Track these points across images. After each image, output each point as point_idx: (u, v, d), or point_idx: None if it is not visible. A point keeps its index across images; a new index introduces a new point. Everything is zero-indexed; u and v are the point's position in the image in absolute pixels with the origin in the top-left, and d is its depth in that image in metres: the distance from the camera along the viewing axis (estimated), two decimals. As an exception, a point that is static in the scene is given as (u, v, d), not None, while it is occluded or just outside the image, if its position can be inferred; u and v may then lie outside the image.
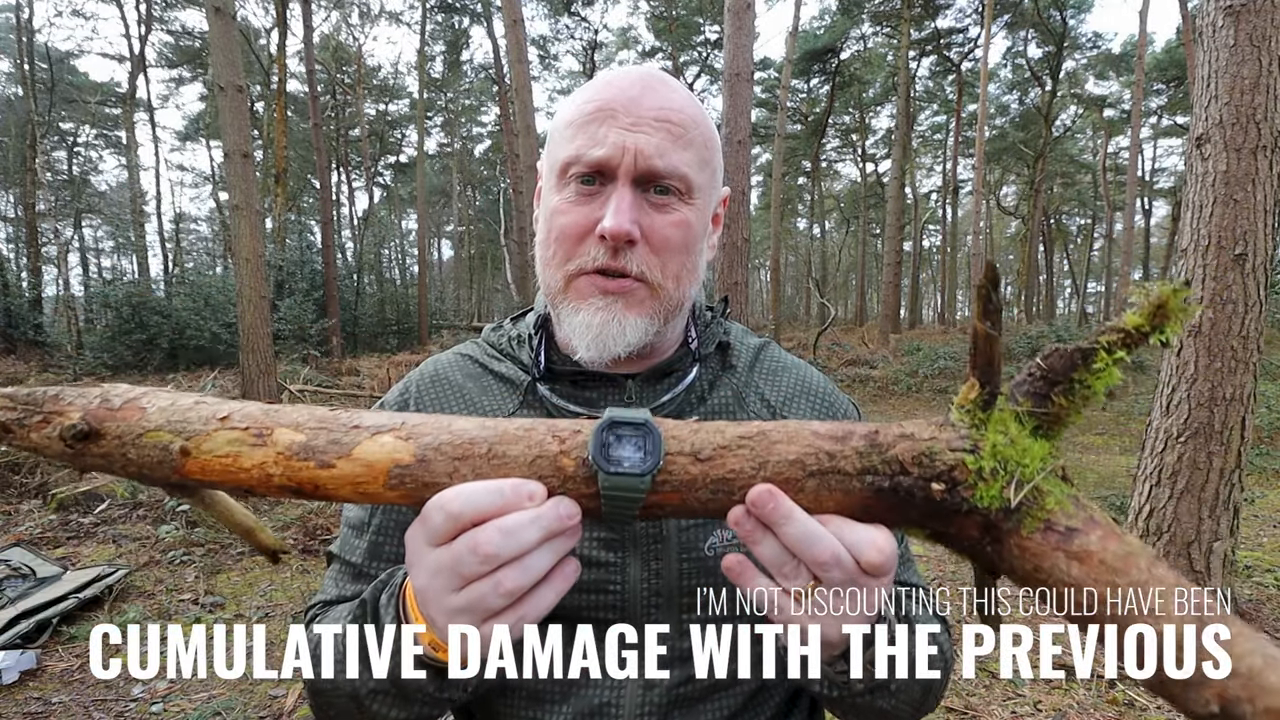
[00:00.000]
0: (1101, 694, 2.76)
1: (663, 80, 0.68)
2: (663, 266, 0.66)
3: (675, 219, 0.66)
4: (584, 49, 28.60)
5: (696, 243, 0.69)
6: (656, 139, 0.64)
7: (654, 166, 0.64)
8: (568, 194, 0.67)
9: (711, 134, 0.70)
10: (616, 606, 0.67)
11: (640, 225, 0.65)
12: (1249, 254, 3.10)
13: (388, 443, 0.45)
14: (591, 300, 0.66)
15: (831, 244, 43.69)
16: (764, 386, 0.78)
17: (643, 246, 0.65)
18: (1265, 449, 7.41)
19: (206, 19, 7.60)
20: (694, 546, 0.68)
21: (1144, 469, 3.43)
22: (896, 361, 15.91)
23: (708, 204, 0.71)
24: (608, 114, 0.65)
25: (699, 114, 0.68)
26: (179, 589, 3.86)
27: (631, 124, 0.64)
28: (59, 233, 19.84)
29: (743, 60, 5.97)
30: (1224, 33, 3.11)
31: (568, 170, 0.66)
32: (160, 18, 23.98)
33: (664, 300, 0.68)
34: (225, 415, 0.47)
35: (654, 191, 0.65)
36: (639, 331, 0.67)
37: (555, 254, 0.68)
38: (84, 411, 0.47)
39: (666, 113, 0.65)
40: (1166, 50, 25.32)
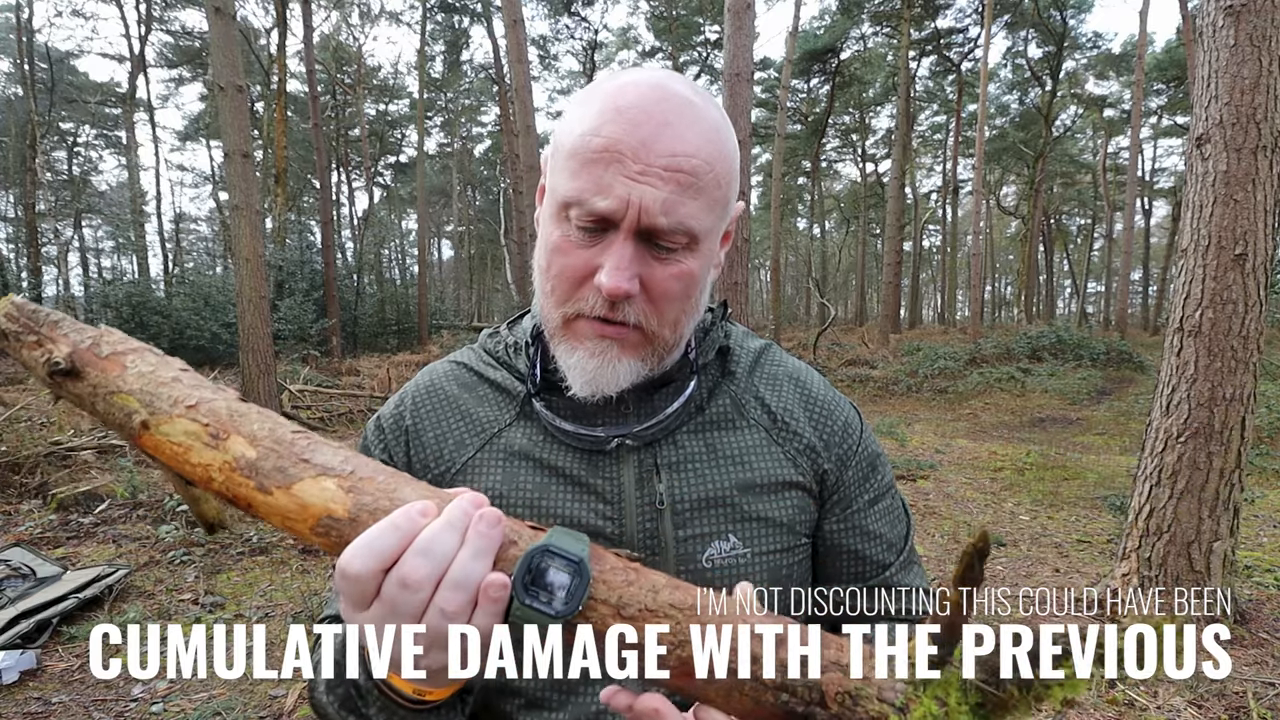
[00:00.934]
0: (1101, 694, 2.76)
1: (683, 111, 0.62)
2: (660, 315, 0.65)
3: (677, 270, 0.64)
4: (584, 49, 28.60)
5: (698, 288, 0.68)
6: (664, 193, 0.60)
7: (657, 225, 0.61)
8: (568, 231, 0.64)
9: (727, 170, 0.65)
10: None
11: (640, 278, 0.63)
12: (1249, 254, 3.10)
13: (328, 488, 0.44)
14: (587, 343, 0.65)
15: (831, 244, 43.69)
16: (765, 392, 0.77)
17: (641, 297, 0.64)
18: (1265, 449, 7.41)
19: (206, 19, 7.59)
20: (692, 559, 0.68)
21: (1144, 469, 3.43)
22: (896, 361, 15.91)
23: (714, 241, 0.69)
24: (614, 157, 0.60)
25: (716, 152, 0.63)
26: (179, 589, 3.87)
27: (639, 172, 0.60)
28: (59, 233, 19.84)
29: (743, 60, 5.97)
30: (1224, 33, 3.11)
31: (568, 209, 0.63)
32: (160, 18, 23.98)
33: (659, 345, 0.67)
34: (193, 403, 0.46)
35: (655, 246, 0.63)
36: (632, 374, 0.66)
37: (554, 291, 0.66)
38: (72, 348, 0.48)
39: (678, 160, 0.60)
40: (1166, 50, 25.32)
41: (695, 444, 0.71)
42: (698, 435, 0.72)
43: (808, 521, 0.73)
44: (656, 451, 0.70)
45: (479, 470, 0.71)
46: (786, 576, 0.70)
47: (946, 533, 4.95)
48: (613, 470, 0.69)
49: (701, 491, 0.69)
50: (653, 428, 0.70)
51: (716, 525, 0.69)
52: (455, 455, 0.72)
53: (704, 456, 0.71)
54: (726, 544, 0.69)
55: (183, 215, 37.61)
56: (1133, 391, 12.21)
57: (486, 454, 0.72)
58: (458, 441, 0.73)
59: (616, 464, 0.70)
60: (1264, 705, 2.63)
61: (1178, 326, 3.27)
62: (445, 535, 0.43)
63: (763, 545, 0.69)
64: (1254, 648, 3.08)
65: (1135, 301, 34.66)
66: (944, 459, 7.65)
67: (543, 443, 0.71)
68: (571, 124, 0.64)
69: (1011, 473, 6.98)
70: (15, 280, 17.09)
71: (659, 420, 0.71)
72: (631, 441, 0.70)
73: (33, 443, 5.71)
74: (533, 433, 0.72)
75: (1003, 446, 8.63)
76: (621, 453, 0.70)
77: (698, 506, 0.69)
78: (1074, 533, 4.95)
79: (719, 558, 0.68)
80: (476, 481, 0.71)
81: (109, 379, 0.47)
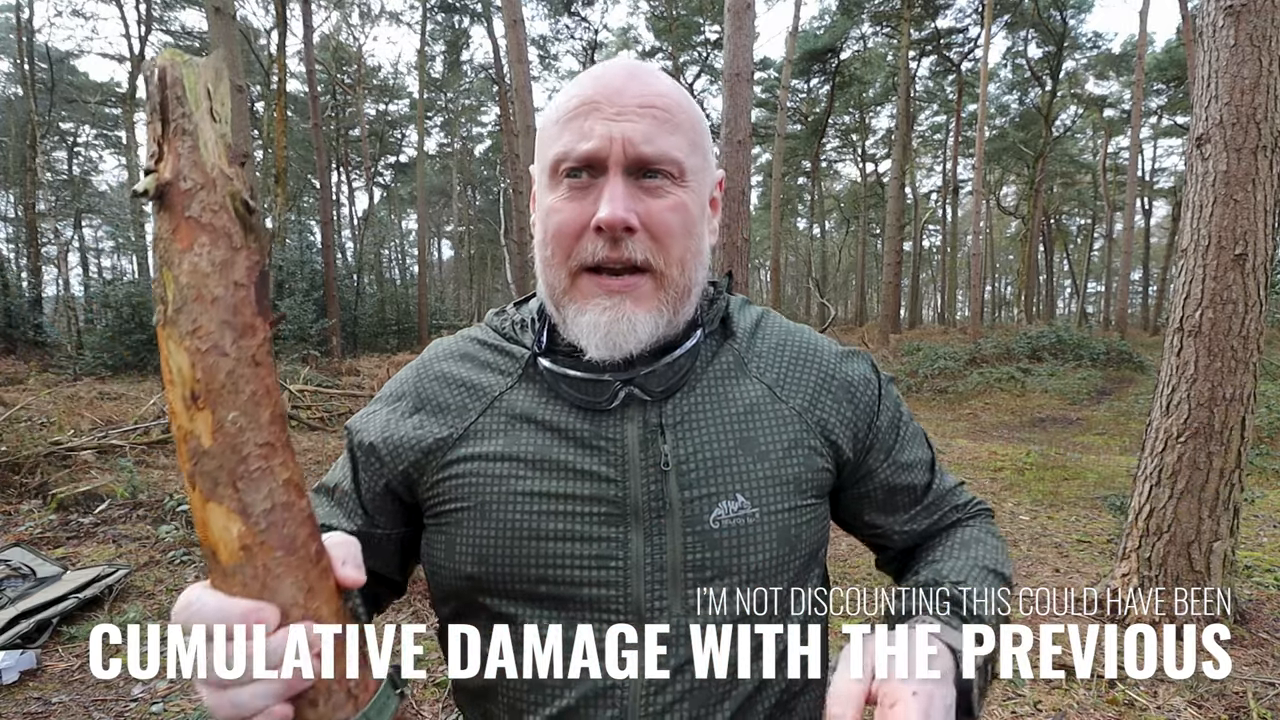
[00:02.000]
0: (1101, 694, 2.76)
1: (644, 68, 0.69)
2: (665, 251, 0.66)
3: (671, 202, 0.66)
4: (584, 49, 28.59)
5: (696, 225, 0.69)
6: (643, 125, 0.64)
7: (643, 153, 0.64)
8: (561, 191, 0.66)
9: (698, 117, 0.70)
10: (619, 583, 0.66)
11: (637, 212, 0.64)
12: (1249, 254, 3.10)
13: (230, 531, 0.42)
14: (597, 300, 0.66)
15: (831, 244, 43.69)
16: (766, 349, 0.77)
17: (642, 234, 0.65)
18: (1265, 449, 7.41)
19: (206, 19, 7.60)
20: (699, 520, 0.67)
21: (1144, 469, 3.43)
22: (896, 361, 15.91)
23: (702, 186, 0.70)
24: (592, 106, 0.65)
25: (684, 98, 0.69)
26: (179, 589, 3.86)
27: (616, 113, 0.64)
28: (59, 233, 19.85)
29: (743, 60, 5.97)
30: (1224, 33, 3.11)
31: (559, 167, 0.66)
32: (160, 18, 23.98)
33: (670, 288, 0.67)
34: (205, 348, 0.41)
35: (645, 177, 0.65)
36: (649, 326, 0.66)
37: (554, 253, 0.67)
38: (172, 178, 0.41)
39: (650, 98, 0.65)
40: (1166, 50, 25.31)
41: (699, 400, 0.71)
42: (701, 393, 0.71)
43: (814, 480, 0.72)
44: (661, 409, 0.69)
45: (481, 435, 0.71)
46: (795, 537, 0.69)
47: (946, 533, 4.96)
48: (617, 430, 0.68)
49: (707, 450, 0.68)
50: (656, 373, 0.69)
51: (723, 484, 0.68)
52: (458, 422, 0.72)
53: (708, 413, 0.70)
54: (735, 503, 0.68)
55: (183, 215, 37.52)
56: (1133, 391, 12.21)
57: (488, 417, 0.72)
58: (460, 407, 0.73)
59: (621, 423, 0.68)
60: (1264, 705, 2.63)
61: (1178, 326, 3.27)
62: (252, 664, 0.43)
63: (771, 504, 0.68)
64: (1254, 648, 3.08)
65: (1135, 301, 34.66)
66: (944, 459, 7.65)
67: (545, 403, 0.71)
68: (557, 101, 0.69)
69: (1011, 473, 6.98)
70: (15, 280, 17.08)
71: (663, 364, 0.70)
72: (637, 392, 0.68)
73: (33, 443, 5.71)
74: (535, 394, 0.72)
75: (1003, 446, 8.64)
76: (626, 411, 0.69)
77: (703, 466, 0.68)
78: (1074, 533, 4.95)
79: (726, 518, 0.67)
80: (479, 445, 0.70)
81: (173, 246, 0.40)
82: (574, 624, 0.66)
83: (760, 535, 0.68)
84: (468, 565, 0.68)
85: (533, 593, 0.66)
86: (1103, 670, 2.90)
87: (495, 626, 0.67)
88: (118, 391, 9.66)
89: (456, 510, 0.69)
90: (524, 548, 0.66)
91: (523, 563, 0.66)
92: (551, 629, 0.66)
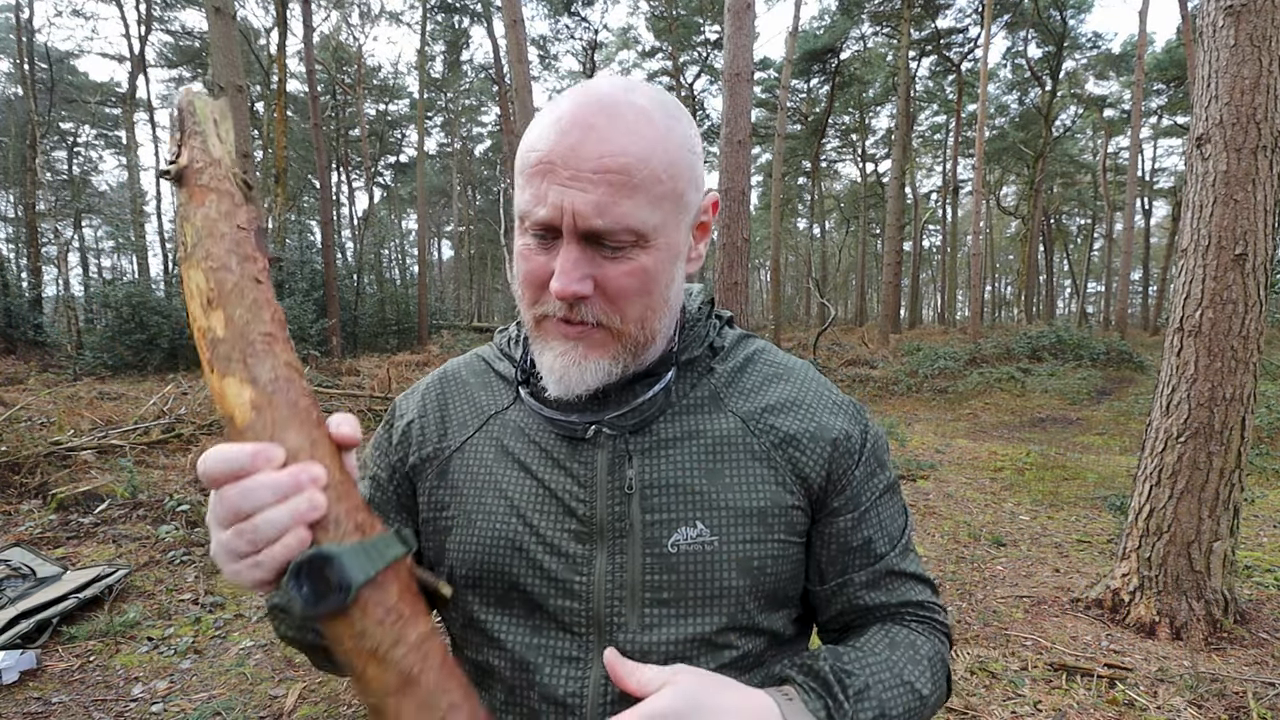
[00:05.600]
0: (1101, 694, 2.76)
1: (609, 112, 0.63)
2: (622, 313, 0.67)
3: (629, 268, 0.65)
4: (584, 49, 28.59)
5: (658, 283, 0.68)
6: (595, 195, 0.62)
7: (594, 227, 0.62)
8: (528, 240, 0.68)
9: (671, 156, 0.65)
10: (583, 595, 0.69)
11: (593, 278, 0.64)
12: (1249, 254, 3.10)
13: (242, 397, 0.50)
14: (554, 343, 0.68)
15: (831, 244, 43.69)
16: (749, 385, 0.77)
17: (598, 297, 0.65)
18: (1265, 449, 7.41)
19: (206, 19, 7.59)
20: (658, 543, 0.69)
21: (1144, 469, 3.43)
22: (896, 361, 15.92)
23: (674, 237, 0.68)
24: (547, 168, 0.63)
25: (649, 146, 0.63)
26: (179, 589, 3.87)
27: (570, 177, 0.62)
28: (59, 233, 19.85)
29: (743, 60, 5.97)
30: (1224, 33, 3.11)
31: (523, 220, 0.67)
32: (160, 18, 23.99)
33: (626, 341, 0.68)
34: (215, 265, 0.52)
35: (603, 244, 0.64)
36: (600, 373, 0.68)
37: (524, 296, 0.70)
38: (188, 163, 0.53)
39: (605, 161, 0.62)
40: (1166, 50, 25.32)
41: (669, 431, 0.73)
42: (672, 423, 0.73)
43: (783, 516, 0.72)
44: (629, 439, 0.72)
45: (476, 448, 0.77)
46: (759, 569, 0.70)
47: (947, 533, 4.95)
48: (589, 455, 0.72)
49: (671, 477, 0.70)
50: (625, 415, 0.72)
51: (684, 511, 0.70)
52: (457, 435, 0.79)
53: (676, 444, 0.72)
54: (693, 530, 0.69)
55: (183, 215, 37.52)
56: (1133, 391, 12.22)
57: (484, 434, 0.78)
58: (460, 422, 0.80)
59: (593, 449, 0.72)
60: (1264, 705, 2.63)
61: (1178, 326, 3.27)
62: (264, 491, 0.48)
63: (732, 535, 0.69)
64: (1254, 648, 3.08)
65: (1135, 301, 34.67)
66: (944, 459, 7.65)
67: (534, 426, 0.76)
68: (525, 140, 0.68)
69: (1011, 473, 6.98)
70: (15, 280, 17.07)
71: (631, 408, 0.72)
72: (608, 430, 0.72)
73: (33, 443, 5.71)
74: (526, 416, 0.77)
75: (1003, 446, 8.64)
76: (599, 439, 0.72)
77: (665, 491, 0.70)
78: (1074, 533, 4.95)
79: (684, 543, 0.69)
80: (473, 457, 0.76)
81: (190, 206, 0.52)
82: (539, 632, 0.70)
83: (718, 564, 0.69)
84: (458, 569, 0.74)
85: (507, 599, 0.72)
86: (1103, 670, 2.90)
87: (471, 630, 0.73)
88: (118, 391, 9.66)
89: (447, 518, 0.75)
90: (502, 557, 0.71)
91: (500, 571, 0.71)
92: (519, 635, 0.71)
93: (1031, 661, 3.03)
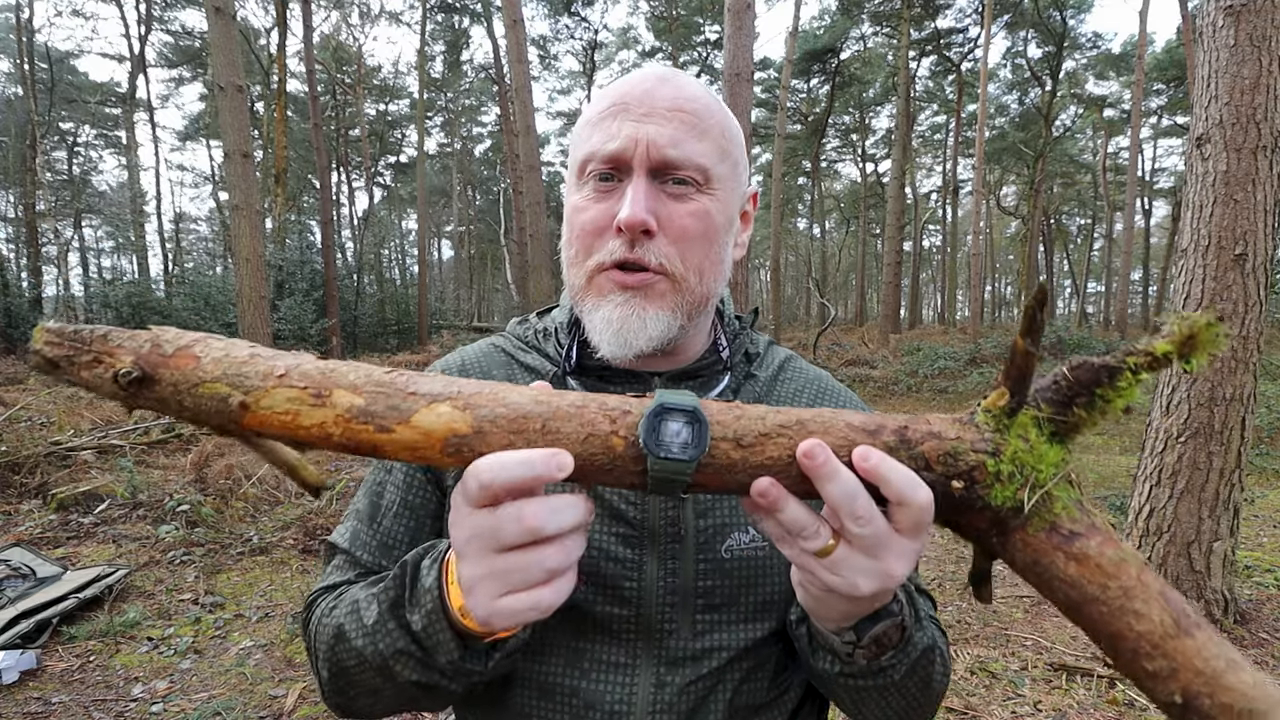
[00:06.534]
0: (1101, 694, 2.76)
1: (679, 75, 0.69)
2: (683, 257, 0.66)
3: (693, 208, 0.66)
4: (584, 49, 28.60)
5: (718, 234, 0.68)
6: (669, 129, 0.64)
7: (668, 156, 0.64)
8: (587, 191, 0.67)
9: (731, 126, 0.69)
10: (632, 601, 0.67)
11: (657, 215, 0.64)
12: (1249, 254, 3.10)
13: (445, 412, 0.46)
14: (611, 296, 0.66)
15: (831, 244, 43.68)
16: (787, 395, 0.79)
17: (661, 237, 0.65)
18: (1265, 449, 7.41)
19: (206, 19, 7.59)
20: (711, 548, 0.68)
21: (1144, 469, 3.43)
22: (896, 361, 15.91)
23: (731, 196, 0.70)
24: (621, 108, 0.65)
25: (716, 105, 0.68)
26: (179, 589, 3.86)
27: (644, 114, 0.64)
28: (59, 233, 19.85)
29: (743, 60, 5.97)
30: (1224, 33, 3.11)
31: (585, 168, 0.67)
32: (160, 18, 23.98)
33: (686, 293, 0.67)
34: (282, 373, 0.47)
35: (671, 183, 0.65)
36: (660, 325, 0.66)
37: (578, 251, 0.68)
38: (135, 356, 0.48)
39: (680, 102, 0.65)
40: (1166, 50, 25.32)
41: None
42: None
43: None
44: None
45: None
46: None
47: (947, 533, 4.95)
48: None
49: None
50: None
51: (737, 516, 0.69)
52: None
53: None
54: (746, 535, 0.69)
55: (183, 215, 37.62)
56: (1133, 391, 12.20)
57: None
58: None
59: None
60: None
61: (1178, 326, 3.27)
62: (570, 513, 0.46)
63: None
64: (1254, 648, 3.08)
65: (1135, 301, 34.66)
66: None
67: None
68: (583, 116, 0.70)
69: (1011, 473, 6.97)
70: (15, 280, 17.07)
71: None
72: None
73: (33, 443, 5.71)
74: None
75: (1003, 446, 8.62)
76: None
77: (719, 497, 0.69)
78: (1074, 533, 4.94)
79: (738, 548, 0.69)
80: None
81: (188, 374, 0.47)
82: (583, 636, 0.67)
83: (770, 569, 0.69)
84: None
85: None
86: (1103, 670, 2.90)
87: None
88: (118, 391, 9.65)
89: None
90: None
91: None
92: (562, 640, 0.68)
93: (1031, 661, 3.03)
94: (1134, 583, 0.41)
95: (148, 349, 0.48)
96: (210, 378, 0.47)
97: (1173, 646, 0.39)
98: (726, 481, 0.47)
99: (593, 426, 0.46)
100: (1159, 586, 0.41)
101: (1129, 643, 0.40)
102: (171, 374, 0.47)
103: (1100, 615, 0.41)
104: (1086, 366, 0.43)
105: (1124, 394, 0.43)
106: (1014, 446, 0.45)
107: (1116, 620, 0.41)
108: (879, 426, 0.47)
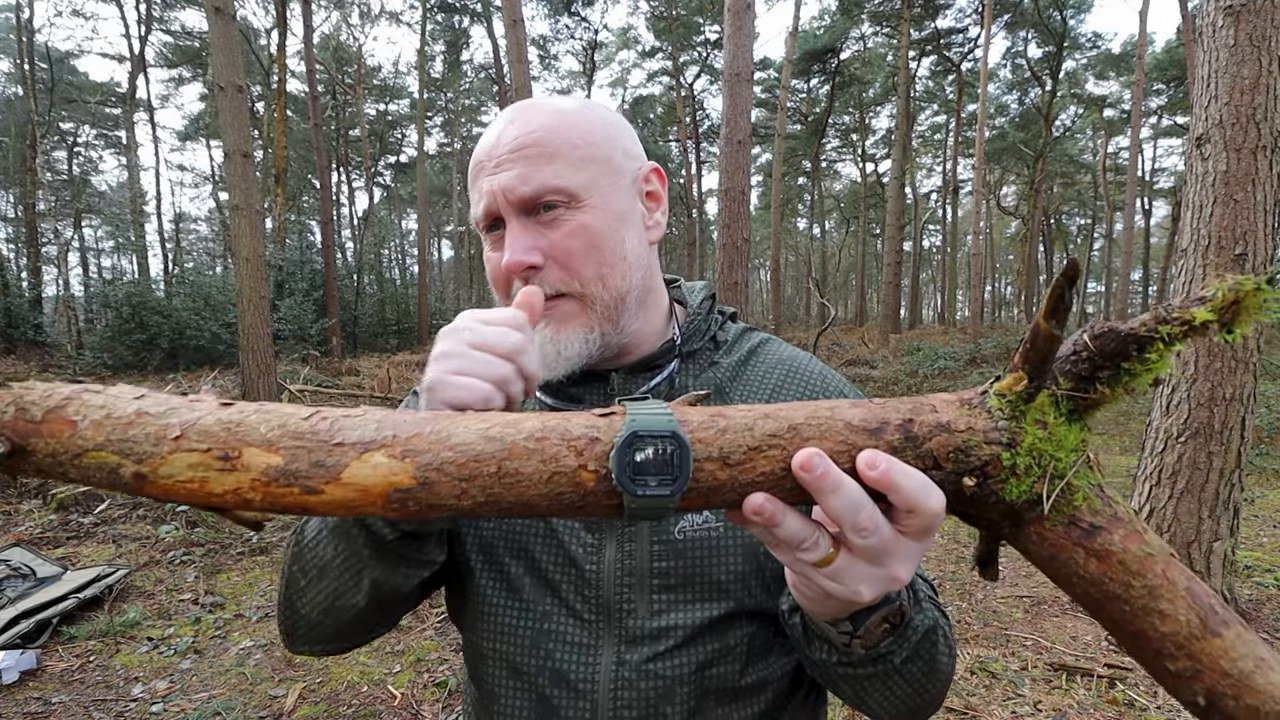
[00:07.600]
0: (1101, 694, 2.76)
1: (525, 109, 0.71)
2: (576, 275, 0.69)
3: (569, 228, 0.69)
4: (584, 49, 28.60)
5: (604, 239, 0.70)
6: (516, 170, 0.68)
7: (522, 194, 0.68)
8: (488, 244, 0.74)
9: (587, 128, 0.71)
10: (593, 583, 0.70)
11: (540, 248, 0.68)
12: (1249, 254, 3.10)
13: (381, 463, 0.40)
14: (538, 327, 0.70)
15: (831, 244, 43.67)
16: (751, 377, 0.79)
17: (551, 265, 0.69)
18: (1265, 449, 7.41)
19: (206, 19, 7.59)
20: (665, 529, 0.71)
21: (1144, 469, 3.43)
22: (896, 361, 15.92)
23: (609, 197, 0.71)
24: (478, 169, 0.71)
25: (566, 120, 0.70)
26: (179, 589, 3.86)
27: (495, 166, 0.69)
28: (59, 233, 19.85)
29: (743, 60, 5.97)
30: (1224, 33, 3.11)
31: (479, 226, 0.73)
32: (160, 18, 23.98)
33: (596, 304, 0.70)
34: (178, 434, 0.40)
35: (542, 210, 0.69)
36: (577, 343, 0.70)
37: (498, 297, 0.74)
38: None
39: (520, 140, 0.68)
40: (1166, 50, 25.31)
41: None
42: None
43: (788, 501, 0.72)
44: None
45: None
46: (766, 554, 0.71)
47: (947, 533, 4.95)
48: None
49: None
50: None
51: None
52: None
53: None
54: (699, 516, 0.71)
55: (183, 215, 37.57)
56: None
57: None
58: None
59: None
60: (1264, 705, 2.63)
61: (1178, 326, 3.27)
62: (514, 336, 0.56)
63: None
64: (1254, 648, 3.08)
65: (1135, 301, 34.65)
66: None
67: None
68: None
69: (1011, 473, 6.97)
70: (15, 280, 17.08)
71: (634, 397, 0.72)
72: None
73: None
74: (535, 408, 0.79)
75: (1003, 446, 8.62)
76: None
77: None
78: (1074, 533, 4.94)
79: (691, 529, 0.71)
80: None
81: (65, 442, 0.40)
82: (548, 618, 0.71)
83: (724, 549, 0.70)
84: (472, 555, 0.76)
85: (518, 583, 0.73)
86: (1103, 670, 2.90)
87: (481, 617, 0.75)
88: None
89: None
90: (518, 544, 0.74)
91: (522, 546, 0.73)
92: (529, 621, 0.72)
93: (1031, 661, 3.03)
94: (1159, 580, 0.38)
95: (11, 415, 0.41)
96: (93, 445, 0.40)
97: (1198, 648, 0.37)
98: (714, 502, 0.43)
99: (556, 463, 0.41)
100: (1185, 582, 0.39)
101: (1152, 644, 0.38)
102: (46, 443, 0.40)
103: (1123, 614, 0.39)
104: (1112, 335, 0.38)
105: (1154, 367, 0.38)
106: (1031, 435, 0.41)
107: (1140, 620, 0.38)
108: (881, 424, 0.43)
